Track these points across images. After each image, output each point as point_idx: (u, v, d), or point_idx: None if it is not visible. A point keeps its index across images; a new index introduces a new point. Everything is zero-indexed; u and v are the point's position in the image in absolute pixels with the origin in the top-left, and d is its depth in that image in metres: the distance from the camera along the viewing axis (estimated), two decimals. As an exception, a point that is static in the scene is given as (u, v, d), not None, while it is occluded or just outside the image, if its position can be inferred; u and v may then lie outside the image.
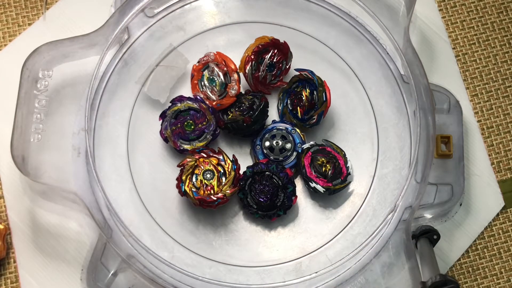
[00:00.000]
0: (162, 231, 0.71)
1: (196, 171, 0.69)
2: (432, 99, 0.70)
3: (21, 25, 0.80)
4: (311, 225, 0.72)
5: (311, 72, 0.72)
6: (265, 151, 0.72)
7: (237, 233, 0.72)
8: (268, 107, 0.73)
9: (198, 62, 0.73)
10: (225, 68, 0.72)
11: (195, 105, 0.71)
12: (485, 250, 0.74)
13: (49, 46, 0.70)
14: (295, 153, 0.72)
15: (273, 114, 0.75)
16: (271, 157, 0.72)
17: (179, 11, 0.79)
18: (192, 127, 0.71)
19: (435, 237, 0.68)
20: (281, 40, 0.73)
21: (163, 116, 0.71)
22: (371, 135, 0.75)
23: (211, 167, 0.69)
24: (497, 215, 0.75)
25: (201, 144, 0.71)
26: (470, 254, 0.74)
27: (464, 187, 0.72)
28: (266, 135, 0.72)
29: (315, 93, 0.71)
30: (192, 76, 0.73)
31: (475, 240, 0.74)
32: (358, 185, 0.73)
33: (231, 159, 0.70)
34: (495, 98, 0.79)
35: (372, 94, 0.77)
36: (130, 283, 0.67)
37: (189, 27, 0.78)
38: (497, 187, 0.76)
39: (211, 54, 0.72)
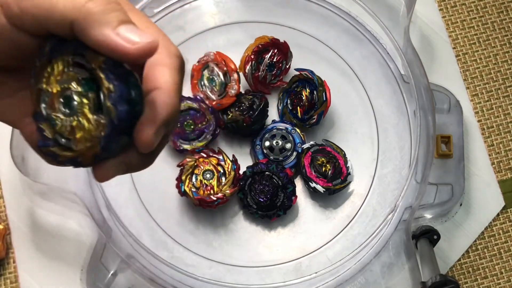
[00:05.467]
0: (162, 231, 0.71)
1: (196, 171, 0.69)
2: (432, 99, 0.70)
3: (21, 25, 0.80)
4: (311, 225, 0.72)
5: (311, 72, 0.72)
6: (265, 151, 0.72)
7: (237, 233, 0.72)
8: (268, 107, 0.72)
9: (198, 61, 0.73)
10: (225, 68, 0.72)
11: (195, 105, 0.71)
12: (485, 250, 0.74)
13: (49, 46, 0.70)
14: (295, 153, 0.72)
15: (273, 114, 0.75)
16: (271, 157, 0.72)
17: (179, 11, 0.79)
18: (192, 127, 0.71)
19: (435, 237, 0.68)
20: (281, 40, 0.73)
21: (163, 116, 0.71)
22: (371, 135, 0.75)
23: (211, 167, 0.69)
24: (497, 215, 0.75)
25: (201, 144, 0.71)
26: (470, 254, 0.74)
27: (464, 187, 0.72)
28: (266, 135, 0.72)
29: (315, 93, 0.71)
30: (192, 76, 0.73)
31: (475, 240, 0.74)
32: (358, 185, 0.73)
33: (231, 159, 0.70)
34: (496, 98, 0.79)
35: (372, 94, 0.76)
36: (130, 283, 0.67)
37: (188, 27, 0.78)
38: (497, 187, 0.76)
39: (211, 53, 0.72)
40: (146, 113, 0.30)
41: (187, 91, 0.74)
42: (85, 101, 0.29)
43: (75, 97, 0.29)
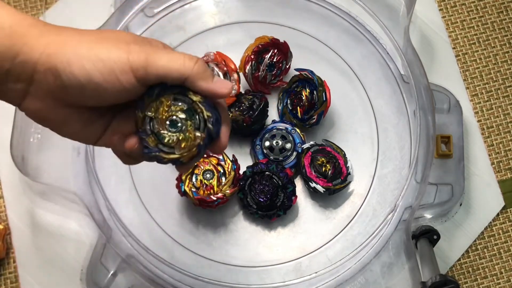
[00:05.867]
0: (162, 231, 0.71)
1: (196, 171, 0.69)
2: (432, 99, 0.70)
3: (21, 25, 0.80)
4: (311, 225, 0.72)
5: (311, 72, 0.72)
6: (265, 151, 0.72)
7: (237, 233, 0.72)
8: (268, 107, 0.72)
9: (198, 62, 0.73)
10: (225, 68, 0.72)
11: (195, 105, 0.71)
12: (485, 250, 0.74)
13: (49, 46, 0.70)
14: (295, 153, 0.72)
15: (273, 114, 0.75)
16: (271, 157, 0.72)
17: (179, 11, 0.79)
18: (192, 127, 0.71)
19: (435, 237, 0.68)
20: (281, 40, 0.73)
21: (163, 116, 0.71)
22: (371, 135, 0.75)
23: (211, 167, 0.69)
24: (497, 215, 0.75)
25: (201, 144, 0.71)
26: (470, 254, 0.74)
27: (464, 187, 0.72)
28: (266, 135, 0.72)
29: (315, 93, 0.71)
30: (192, 76, 0.73)
31: (475, 240, 0.74)
32: (358, 185, 0.73)
33: (231, 159, 0.70)
34: (495, 98, 0.79)
35: (372, 94, 0.77)
36: (130, 283, 0.67)
37: (189, 27, 0.78)
38: (497, 187, 0.76)
39: (211, 54, 0.72)
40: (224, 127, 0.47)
41: (187, 91, 0.74)
42: (189, 123, 0.44)
43: (181, 121, 0.44)
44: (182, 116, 0.44)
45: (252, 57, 0.72)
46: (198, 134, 0.44)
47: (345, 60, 0.78)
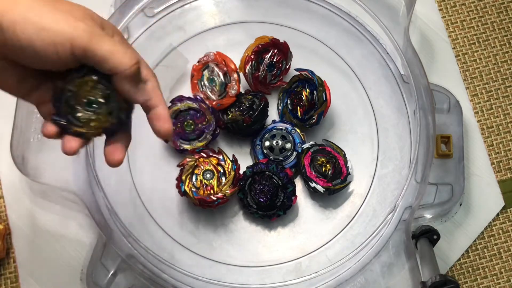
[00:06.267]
0: (162, 231, 0.71)
1: (196, 171, 0.69)
2: (432, 99, 0.70)
3: (21, 25, 0.80)
4: (311, 225, 0.72)
5: (311, 72, 0.72)
6: (265, 151, 0.72)
7: (237, 233, 0.72)
8: (268, 107, 0.72)
9: (198, 62, 0.73)
10: (225, 68, 0.72)
11: (195, 105, 0.71)
12: (485, 250, 0.74)
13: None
14: (295, 153, 0.72)
15: (273, 114, 0.75)
16: (271, 157, 0.72)
17: (179, 11, 0.79)
18: (192, 127, 0.71)
19: (435, 237, 0.68)
20: (281, 40, 0.73)
21: (163, 116, 0.71)
22: (371, 135, 0.75)
23: (211, 167, 0.69)
24: (497, 215, 0.75)
25: (201, 144, 0.71)
26: (470, 254, 0.74)
27: (464, 187, 0.72)
28: (266, 135, 0.72)
29: (315, 93, 0.71)
30: (192, 76, 0.73)
31: (475, 240, 0.74)
32: (358, 185, 0.73)
33: (231, 159, 0.70)
34: (495, 98, 0.79)
35: (372, 94, 0.77)
36: (130, 283, 0.67)
37: (189, 27, 0.78)
38: (497, 187, 0.76)
39: (211, 54, 0.72)
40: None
41: (187, 91, 0.74)
42: (103, 107, 0.47)
43: (97, 103, 0.47)
44: (101, 100, 0.47)
45: (252, 57, 0.72)
46: (109, 119, 0.47)
47: (345, 60, 0.78)
